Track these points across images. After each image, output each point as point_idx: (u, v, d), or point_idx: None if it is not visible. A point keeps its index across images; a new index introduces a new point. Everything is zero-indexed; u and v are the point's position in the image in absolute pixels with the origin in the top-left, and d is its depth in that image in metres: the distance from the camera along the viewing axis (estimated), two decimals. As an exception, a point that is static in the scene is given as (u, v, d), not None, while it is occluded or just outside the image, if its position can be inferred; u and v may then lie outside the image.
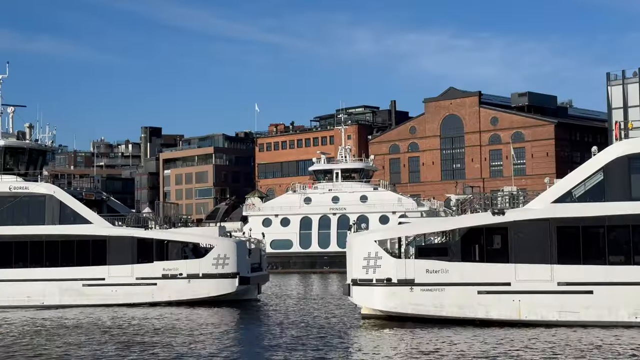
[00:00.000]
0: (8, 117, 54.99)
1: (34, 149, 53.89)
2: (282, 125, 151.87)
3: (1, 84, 55.00)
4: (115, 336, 35.50)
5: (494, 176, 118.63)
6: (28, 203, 50.53)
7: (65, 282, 49.14)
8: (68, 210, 49.98)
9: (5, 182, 51.15)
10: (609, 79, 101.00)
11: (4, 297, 49.30)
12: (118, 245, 49.00)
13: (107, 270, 48.91)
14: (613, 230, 35.61)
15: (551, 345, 30.60)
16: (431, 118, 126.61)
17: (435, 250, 38.33)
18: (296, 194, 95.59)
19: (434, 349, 30.46)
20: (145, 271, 48.66)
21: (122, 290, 48.70)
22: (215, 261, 48.30)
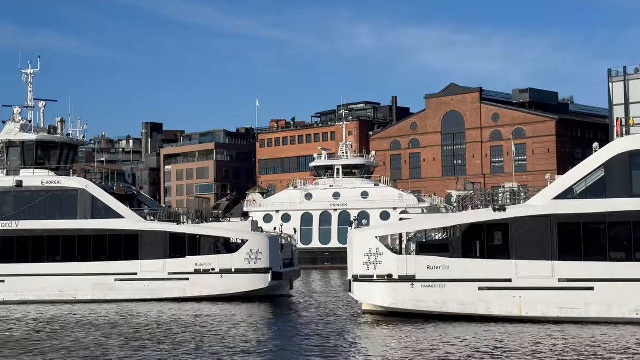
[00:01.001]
0: (39, 112, 55.12)
1: (66, 143, 53.79)
2: (283, 121, 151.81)
3: (33, 79, 55.16)
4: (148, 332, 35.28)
5: (495, 172, 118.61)
6: (60, 197, 50.42)
7: (98, 277, 49.07)
8: (100, 204, 49.92)
9: (37, 177, 51.11)
10: (611, 75, 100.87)
11: (37, 292, 49.26)
12: (150, 240, 48.87)
13: (139, 265, 48.83)
14: (614, 227, 35.61)
15: (552, 342, 30.63)
16: (432, 114, 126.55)
17: (436, 247, 38.34)
18: (297, 190, 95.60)
19: (434, 345, 30.49)
20: (178, 266, 48.48)
21: (154, 285, 48.57)
22: (248, 256, 48.04)
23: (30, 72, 55.00)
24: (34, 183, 50.69)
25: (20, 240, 50.03)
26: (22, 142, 52.26)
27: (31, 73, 55.01)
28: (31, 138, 52.35)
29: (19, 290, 49.54)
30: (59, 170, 52.42)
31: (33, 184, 50.65)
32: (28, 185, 50.69)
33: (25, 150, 52.23)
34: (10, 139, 52.33)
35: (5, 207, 50.83)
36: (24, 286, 49.52)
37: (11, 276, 49.65)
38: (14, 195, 50.68)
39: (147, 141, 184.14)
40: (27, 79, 55.05)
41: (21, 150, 52.24)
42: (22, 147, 52.24)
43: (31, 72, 55.01)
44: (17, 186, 50.59)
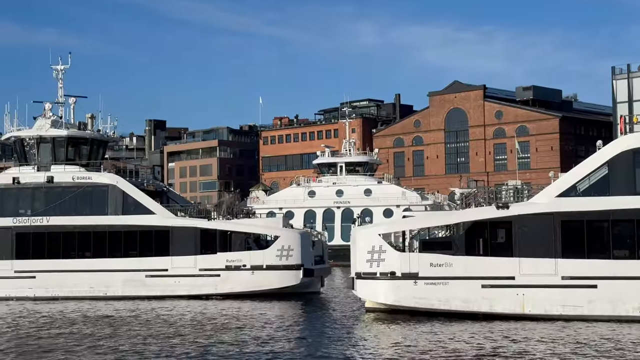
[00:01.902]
0: (69, 108, 54.97)
1: (96, 139, 53.68)
2: (287, 119, 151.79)
3: (64, 75, 55.04)
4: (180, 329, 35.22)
5: (499, 170, 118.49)
6: (91, 193, 50.42)
7: (128, 273, 48.98)
8: (131, 200, 49.85)
9: (68, 173, 51.09)
10: (614, 73, 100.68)
11: (67, 288, 49.31)
12: (181, 236, 48.76)
13: (170, 261, 48.73)
14: (617, 225, 35.58)
15: (555, 339, 30.62)
16: (436, 112, 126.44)
17: (439, 244, 38.34)
18: (300, 187, 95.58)
19: (437, 342, 30.49)
20: (209, 262, 48.32)
21: (185, 282, 48.42)
22: (279, 252, 47.86)
23: (61, 68, 54.87)
24: (64, 179, 50.68)
25: (51, 236, 50.00)
26: (53, 138, 52.12)
27: (62, 69, 54.87)
28: (62, 134, 52.23)
29: (49, 286, 49.49)
30: (89, 166, 52.31)
31: (64, 180, 50.64)
32: (59, 181, 50.65)
33: (56, 146, 52.13)
34: (41, 135, 52.17)
35: (36, 203, 50.86)
36: (54, 282, 49.45)
37: (42, 272, 49.61)
38: (45, 191, 50.68)
39: (150, 138, 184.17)
40: (57, 75, 54.94)
41: (52, 146, 52.10)
42: (52, 143, 52.11)
43: (62, 69, 54.87)
44: (48, 182, 50.57)
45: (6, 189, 51.33)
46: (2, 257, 50.17)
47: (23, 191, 51.11)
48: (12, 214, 50.75)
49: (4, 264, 50.01)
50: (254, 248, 49.32)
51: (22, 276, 49.79)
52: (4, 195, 51.36)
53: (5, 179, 52.01)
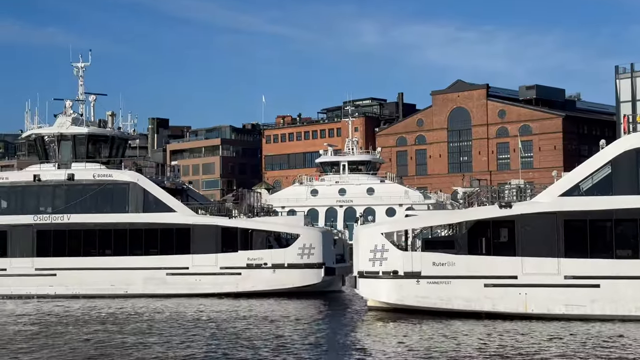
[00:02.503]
0: (89, 106, 54.87)
1: (117, 136, 53.59)
2: (289, 117, 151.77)
3: (84, 72, 54.94)
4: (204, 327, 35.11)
5: (501, 169, 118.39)
6: (112, 191, 50.34)
7: (149, 271, 48.86)
8: (152, 198, 49.73)
9: (89, 170, 51.00)
10: (617, 72, 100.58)
11: (88, 286, 49.22)
12: (202, 234, 48.59)
13: (191, 259, 48.59)
14: (620, 224, 35.52)
15: (558, 339, 30.59)
16: (439, 110, 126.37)
17: (442, 243, 38.31)
18: (303, 186, 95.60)
19: (439, 342, 30.47)
20: (230, 260, 48.18)
21: (206, 280, 48.29)
22: (301, 251, 47.65)
23: (81, 65, 54.72)
24: (85, 176, 50.57)
25: (72, 234, 49.95)
26: (74, 135, 52.02)
27: (82, 67, 54.73)
28: (83, 131, 52.11)
29: (70, 283, 49.44)
30: (109, 163, 52.23)
31: (85, 178, 50.52)
32: (80, 178, 50.53)
33: (76, 143, 51.99)
34: (61, 133, 52.07)
35: (57, 201, 50.78)
36: (75, 280, 49.40)
37: (63, 270, 49.56)
38: (66, 189, 50.58)
39: (153, 137, 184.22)
40: (77, 72, 54.82)
41: (72, 143, 51.99)
42: (73, 141, 52.00)
43: (82, 66, 54.73)
44: (69, 180, 50.45)
45: (27, 186, 51.26)
46: (23, 254, 50.12)
47: (44, 189, 51.04)
48: (33, 211, 50.69)
49: (24, 261, 49.96)
50: (275, 246, 49.06)
51: (42, 274, 49.71)
52: (25, 192, 51.32)
53: (26, 176, 51.88)
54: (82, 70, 54.83)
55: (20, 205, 51.19)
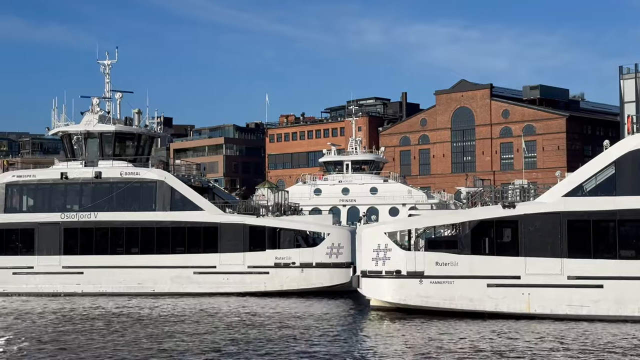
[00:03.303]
0: (115, 103, 54.68)
1: (143, 134, 53.47)
2: (293, 117, 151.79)
3: (110, 70, 54.82)
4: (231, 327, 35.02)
5: (505, 169, 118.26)
6: (139, 189, 50.30)
7: (176, 270, 48.75)
8: (179, 196, 49.59)
9: (116, 168, 50.95)
10: (622, 73, 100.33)
11: (115, 284, 49.15)
12: (230, 232, 48.48)
13: (218, 258, 48.50)
14: (624, 225, 35.51)
15: (562, 339, 30.57)
16: (442, 110, 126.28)
17: (445, 243, 38.33)
18: (306, 185, 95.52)
19: (441, 341, 30.45)
20: (257, 259, 48.03)
21: (233, 279, 48.18)
22: (329, 250, 47.48)
23: (108, 63, 54.66)
24: (112, 174, 50.50)
25: (98, 232, 49.94)
26: (101, 133, 51.93)
27: (109, 64, 54.67)
28: (110, 129, 52.02)
29: (97, 282, 49.43)
30: (136, 161, 52.16)
31: (112, 175, 50.46)
32: (107, 176, 50.49)
33: (103, 141, 51.97)
34: (88, 130, 52.00)
35: (84, 199, 50.79)
36: (102, 278, 49.37)
37: (90, 268, 49.55)
38: (93, 187, 50.56)
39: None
40: (104, 69, 54.71)
41: (99, 141, 51.96)
42: (100, 138, 51.97)
43: (109, 63, 54.67)
44: (96, 177, 50.41)
45: (54, 184, 51.29)
46: (50, 252, 50.10)
47: (71, 186, 51.05)
48: (60, 209, 50.67)
49: (51, 259, 50.00)
50: (303, 245, 48.84)
51: (70, 272, 49.71)
52: (52, 190, 51.35)
53: (53, 174, 51.83)
54: (109, 68, 54.66)
55: (48, 202, 51.20)
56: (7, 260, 50.40)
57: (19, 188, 51.77)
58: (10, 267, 50.28)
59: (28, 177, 51.91)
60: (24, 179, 51.74)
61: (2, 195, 51.41)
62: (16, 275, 50.19)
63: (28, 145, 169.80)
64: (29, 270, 50.16)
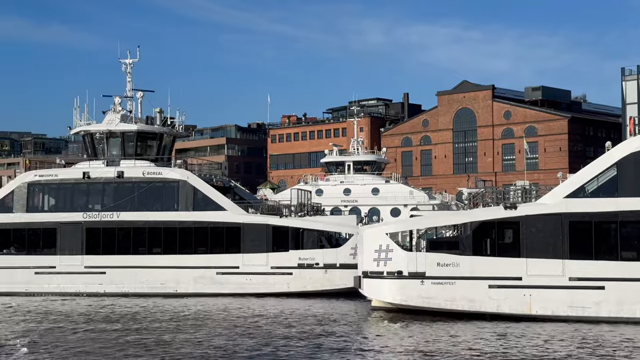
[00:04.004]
0: (137, 102, 54.42)
1: (165, 133, 53.15)
2: (294, 117, 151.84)
3: (132, 69, 54.53)
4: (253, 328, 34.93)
5: (507, 170, 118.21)
6: (161, 189, 50.03)
7: (199, 270, 48.48)
8: (202, 196, 49.30)
9: (138, 168, 50.70)
10: (624, 74, 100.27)
11: (138, 284, 48.92)
12: (253, 232, 48.18)
13: (241, 259, 48.21)
14: (625, 226, 35.47)
15: (561, 341, 30.54)
16: (444, 111, 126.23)
17: (446, 244, 38.30)
18: (308, 186, 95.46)
19: (442, 342, 30.43)
20: (281, 260, 47.72)
21: (256, 279, 47.86)
22: (354, 251, 46.72)
23: (129, 62, 54.37)
24: (135, 174, 50.27)
25: (121, 232, 49.73)
26: (123, 132, 51.72)
27: (130, 63, 54.39)
28: (132, 129, 51.80)
29: (120, 282, 49.20)
30: (157, 161, 51.91)
31: (134, 175, 50.23)
32: (129, 176, 50.25)
33: (125, 140, 51.73)
34: (110, 130, 51.77)
35: (106, 198, 50.52)
36: (125, 278, 49.13)
37: (112, 268, 49.33)
38: (116, 186, 50.32)
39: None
40: (126, 68, 54.45)
41: (121, 140, 51.75)
42: (122, 138, 51.75)
43: (130, 62, 54.38)
44: (118, 177, 50.19)
45: (77, 183, 51.07)
46: (72, 252, 49.90)
47: (93, 186, 50.81)
48: (83, 209, 50.48)
49: (74, 259, 49.81)
50: (327, 246, 48.47)
51: (92, 272, 49.54)
52: (75, 190, 51.14)
53: (75, 173, 51.62)
54: (130, 67, 54.38)
55: (70, 202, 51.00)
56: (29, 260, 50.22)
57: (41, 187, 51.59)
58: (33, 266, 50.09)
59: (50, 176, 51.69)
60: (46, 179, 51.53)
61: (25, 194, 51.18)
62: (38, 275, 49.99)
63: (30, 144, 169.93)
64: (51, 270, 49.96)
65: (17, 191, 51.34)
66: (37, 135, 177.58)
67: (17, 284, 50.07)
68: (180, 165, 52.17)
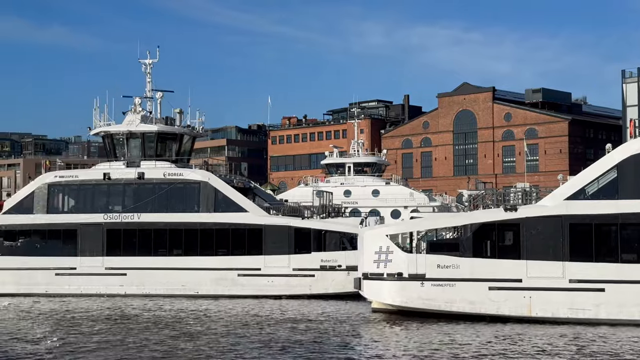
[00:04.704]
0: (156, 103, 54.02)
1: (185, 134, 52.85)
2: (295, 118, 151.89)
3: (152, 69, 54.21)
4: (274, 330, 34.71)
5: (507, 172, 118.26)
6: (182, 190, 49.71)
7: (220, 272, 48.16)
8: (223, 197, 48.97)
9: (159, 169, 50.41)
10: (624, 76, 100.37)
11: (159, 286, 48.66)
12: (275, 234, 47.86)
13: (263, 260, 47.89)
14: (626, 229, 35.46)
15: (564, 343, 30.55)
16: (444, 113, 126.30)
17: (446, 246, 38.30)
18: (308, 187, 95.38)
19: (442, 344, 30.43)
20: (303, 262, 47.33)
21: (278, 281, 47.53)
22: None
23: (149, 62, 54.12)
24: (156, 175, 49.97)
25: (142, 233, 49.49)
26: (143, 133, 51.44)
27: (150, 63, 54.12)
28: (152, 129, 51.53)
29: (141, 283, 48.96)
30: (177, 162, 51.68)
31: (155, 176, 49.94)
32: (150, 177, 49.97)
33: (145, 141, 51.48)
34: (131, 130, 51.54)
35: (127, 200, 50.28)
36: (145, 279, 48.88)
37: (133, 269, 49.08)
38: (136, 188, 50.07)
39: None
40: (145, 69, 54.18)
41: (142, 141, 51.49)
42: (142, 138, 51.48)
43: (150, 63, 54.13)
44: (139, 178, 49.93)
45: (97, 184, 50.85)
46: (93, 253, 49.68)
47: (114, 187, 50.58)
48: (103, 210, 50.30)
49: (94, 260, 49.57)
50: (349, 248, 47.93)
51: (112, 273, 49.33)
52: (95, 191, 50.95)
53: (96, 174, 51.39)
54: (150, 67, 54.12)
55: (90, 203, 50.77)
56: (49, 261, 49.98)
57: (61, 188, 51.31)
58: (53, 268, 49.88)
59: (70, 177, 51.41)
60: (66, 180, 51.28)
61: (45, 195, 50.94)
62: (59, 276, 49.79)
63: (31, 145, 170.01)
64: (71, 272, 49.77)
65: (37, 192, 51.06)
66: (37, 136, 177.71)
67: (38, 285, 49.83)
68: (201, 166, 51.67)
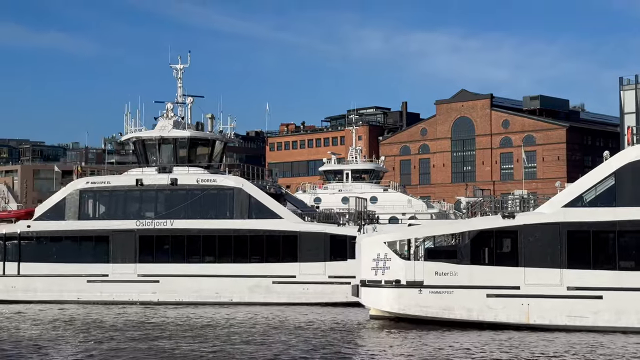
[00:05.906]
0: (186, 108, 53.69)
1: (217, 140, 52.52)
2: (293, 125, 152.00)
3: (182, 74, 53.87)
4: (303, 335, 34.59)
5: (505, 179, 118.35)
6: (216, 196, 49.28)
7: (255, 279, 47.70)
8: (257, 204, 48.53)
9: (192, 175, 49.93)
10: (622, 84, 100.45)
11: (192, 293, 48.19)
12: (310, 241, 47.41)
13: (298, 268, 47.46)
14: (623, 236, 35.46)
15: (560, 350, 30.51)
16: (442, 120, 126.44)
17: (444, 253, 38.26)
18: (306, 194, 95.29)
19: (440, 352, 30.37)
20: (339, 269, 46.66)
21: (313, 289, 47.08)
22: None
23: (180, 67, 53.81)
24: (188, 181, 49.52)
25: (174, 240, 49.06)
26: (175, 139, 51.08)
27: (181, 68, 53.82)
28: (184, 135, 51.19)
29: (173, 290, 48.48)
30: (209, 168, 51.26)
31: (188, 182, 49.48)
32: (183, 183, 49.53)
33: (177, 147, 51.14)
34: (162, 136, 51.19)
35: (159, 206, 49.89)
36: (178, 287, 48.40)
37: (166, 276, 48.60)
38: (169, 194, 49.62)
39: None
40: (176, 74, 53.90)
41: (174, 147, 51.16)
42: (174, 144, 51.13)
43: (181, 68, 53.81)
44: (172, 184, 49.45)
45: (129, 190, 50.44)
46: (125, 260, 49.20)
47: (146, 193, 50.21)
48: (135, 216, 49.84)
49: (127, 267, 49.11)
50: None
51: (145, 280, 48.89)
52: (127, 197, 50.53)
53: (127, 180, 50.98)
54: (181, 72, 53.81)
55: (122, 209, 50.32)
56: (81, 268, 49.46)
57: (93, 194, 50.91)
58: (85, 274, 49.41)
59: (102, 183, 50.95)
60: (98, 186, 50.86)
61: (76, 201, 50.51)
62: (90, 283, 49.32)
63: (28, 152, 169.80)
64: (103, 279, 49.30)
65: (69, 198, 50.59)
66: (35, 142, 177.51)
67: (69, 292, 49.42)
68: (235, 172, 51.48)
